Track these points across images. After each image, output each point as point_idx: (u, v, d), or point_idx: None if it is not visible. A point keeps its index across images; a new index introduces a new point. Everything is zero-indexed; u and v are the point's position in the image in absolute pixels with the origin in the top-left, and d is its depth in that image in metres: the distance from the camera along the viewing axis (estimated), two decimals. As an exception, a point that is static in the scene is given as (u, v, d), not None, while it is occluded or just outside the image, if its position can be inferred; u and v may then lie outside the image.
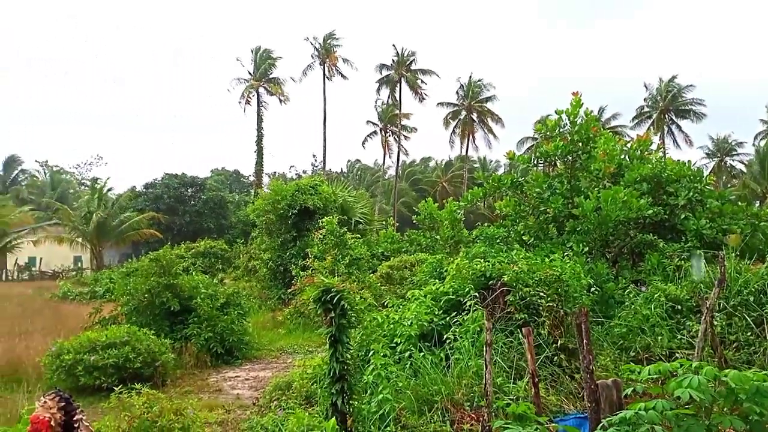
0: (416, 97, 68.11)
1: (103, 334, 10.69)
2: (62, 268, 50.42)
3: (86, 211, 46.98)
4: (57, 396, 2.97)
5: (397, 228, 27.41)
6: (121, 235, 47.94)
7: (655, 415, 3.89)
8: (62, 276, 45.05)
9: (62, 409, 2.95)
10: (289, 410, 7.38)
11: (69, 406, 2.98)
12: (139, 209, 52.16)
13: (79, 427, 2.97)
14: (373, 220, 29.23)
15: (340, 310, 5.38)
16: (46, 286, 34.00)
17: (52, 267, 52.11)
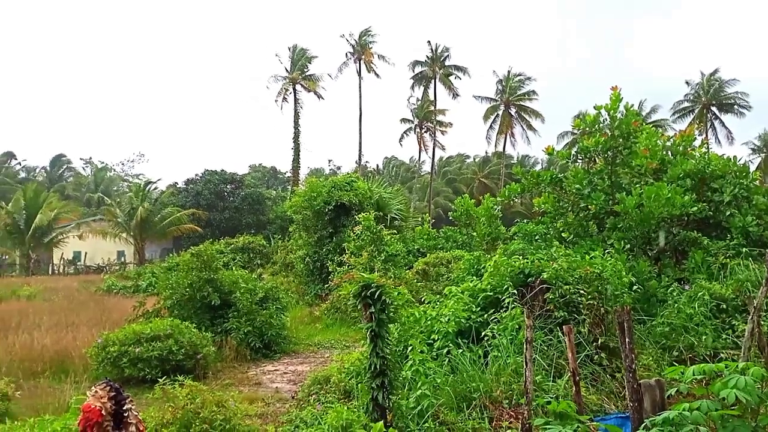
0: (450, 93, 67.77)
1: (148, 326, 10.93)
2: (106, 263, 51.83)
3: (130, 207, 48.18)
4: (108, 386, 3.06)
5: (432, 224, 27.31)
6: (162, 230, 49.03)
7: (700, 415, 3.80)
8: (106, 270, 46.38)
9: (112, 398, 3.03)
10: (328, 404, 7.45)
11: (119, 396, 3.07)
12: (180, 205, 53.19)
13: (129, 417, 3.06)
14: (409, 217, 29.22)
15: (380, 306, 5.40)
16: (91, 280, 34.99)
17: (97, 261, 53.58)
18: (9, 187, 74.45)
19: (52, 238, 49.89)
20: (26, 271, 47.21)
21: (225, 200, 57.58)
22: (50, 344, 12.01)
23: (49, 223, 48.91)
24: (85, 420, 2.96)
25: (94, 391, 3.01)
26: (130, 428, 3.03)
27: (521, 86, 68.47)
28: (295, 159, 62.93)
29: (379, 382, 5.40)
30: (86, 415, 2.96)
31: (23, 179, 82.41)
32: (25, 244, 48.07)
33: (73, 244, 52.87)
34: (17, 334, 12.97)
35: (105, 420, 2.98)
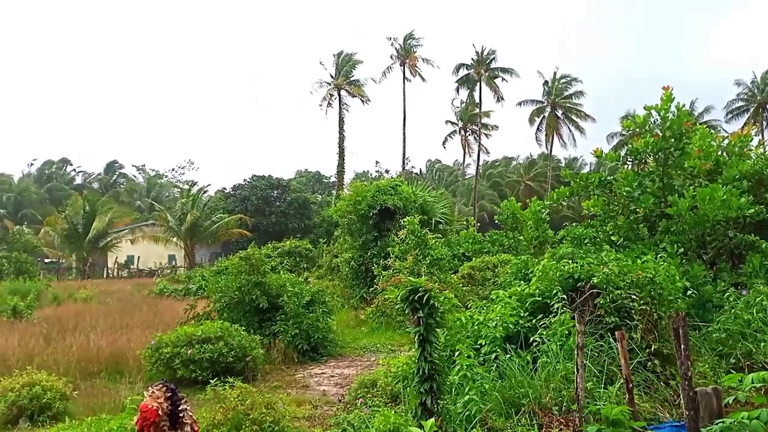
0: (495, 95, 67.20)
1: (199, 329, 11.17)
2: (158, 266, 53.29)
3: (180, 213, 49.45)
4: (164, 387, 3.14)
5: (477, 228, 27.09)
6: (212, 235, 50.15)
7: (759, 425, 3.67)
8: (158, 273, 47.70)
9: (168, 399, 3.11)
10: (375, 408, 7.47)
11: (174, 397, 3.14)
12: (229, 210, 54.28)
13: (184, 417, 3.13)
14: (454, 220, 29.07)
15: (427, 310, 5.39)
16: (143, 283, 36.01)
17: (149, 265, 55.18)
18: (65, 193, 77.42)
19: (107, 243, 51.63)
20: (82, 274, 48.95)
21: (271, 205, 58.46)
22: (106, 346, 12.38)
23: (104, 228, 50.63)
24: (143, 419, 3.05)
25: (151, 391, 3.10)
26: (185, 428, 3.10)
27: (567, 87, 67.36)
28: (340, 163, 63.45)
29: (427, 386, 5.39)
30: (143, 415, 3.04)
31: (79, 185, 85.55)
32: (82, 248, 49.85)
33: (127, 249, 54.59)
34: (74, 335, 13.44)
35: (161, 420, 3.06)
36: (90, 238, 49.24)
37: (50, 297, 24.76)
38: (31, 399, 8.53)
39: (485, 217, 63.87)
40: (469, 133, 69.18)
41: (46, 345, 12.58)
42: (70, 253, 52.82)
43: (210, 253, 57.20)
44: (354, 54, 64.71)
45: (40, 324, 15.52)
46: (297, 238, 40.95)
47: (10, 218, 68.47)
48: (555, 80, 67.06)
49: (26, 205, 75.85)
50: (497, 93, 66.52)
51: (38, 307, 20.45)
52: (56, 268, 54.38)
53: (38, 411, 8.55)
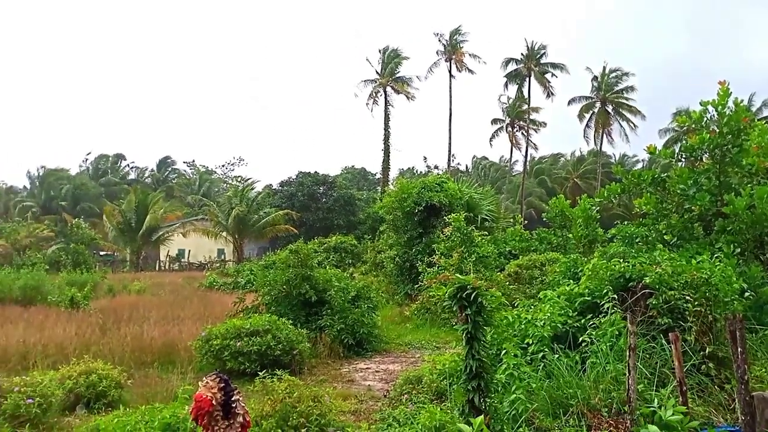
0: (545, 91, 66.11)
1: (248, 322, 11.37)
2: (208, 260, 54.56)
3: (229, 208, 50.49)
4: (217, 378, 3.20)
5: (525, 226, 26.71)
6: (259, 230, 51.03)
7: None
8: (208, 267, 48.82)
9: (222, 390, 3.17)
10: (420, 404, 7.48)
11: (228, 388, 3.20)
12: (276, 206, 55.09)
13: (236, 408, 3.19)
14: (500, 218, 28.76)
15: (475, 308, 5.36)
16: (193, 276, 36.93)
17: (199, 258, 56.53)
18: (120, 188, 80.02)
19: (159, 237, 53.19)
20: (136, 267, 50.54)
21: (318, 201, 59.03)
22: (158, 336, 12.71)
23: (157, 222, 52.15)
24: (197, 409, 3.12)
25: (205, 381, 3.17)
26: (237, 418, 3.16)
27: (618, 82, 65.69)
28: (385, 160, 63.54)
29: (475, 384, 5.36)
30: (198, 405, 3.12)
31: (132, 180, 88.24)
32: (136, 241, 51.47)
33: (178, 242, 56.13)
34: (129, 326, 13.86)
35: (215, 410, 3.12)
36: (143, 231, 50.82)
37: (106, 288, 25.64)
38: (87, 387, 8.83)
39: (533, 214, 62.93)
40: (517, 129, 68.30)
41: (101, 335, 12.99)
42: (125, 246, 54.59)
43: (258, 248, 58.19)
44: (400, 51, 64.69)
45: (97, 314, 16.06)
46: (342, 234, 41.28)
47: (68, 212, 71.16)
48: (605, 75, 65.51)
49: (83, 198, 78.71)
50: (547, 88, 65.45)
51: (94, 298, 21.18)
52: (111, 261, 56.29)
53: (94, 398, 8.82)
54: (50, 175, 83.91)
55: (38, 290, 21.29)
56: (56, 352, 11.41)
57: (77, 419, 8.28)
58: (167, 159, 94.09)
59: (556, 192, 55.79)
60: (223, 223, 50.25)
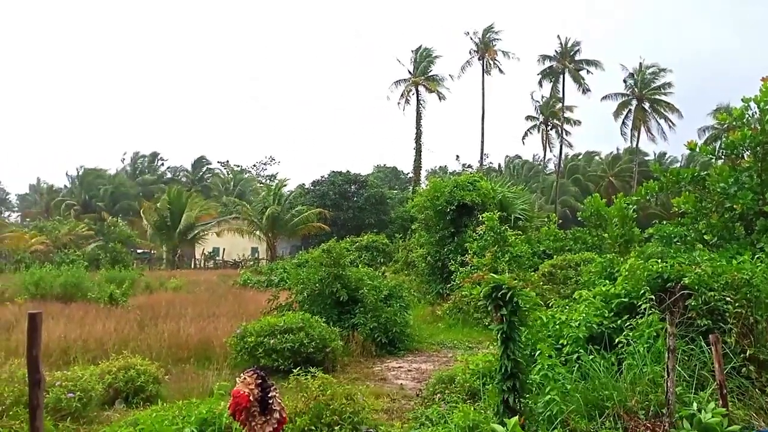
0: (580, 88, 65.20)
1: (281, 319, 11.48)
2: (241, 258, 55.24)
3: (263, 207, 51.07)
4: (255, 374, 3.24)
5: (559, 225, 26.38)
6: (292, 228, 51.49)
7: None
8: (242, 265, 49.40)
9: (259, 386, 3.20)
10: (453, 404, 7.45)
11: (265, 384, 3.23)
12: (308, 205, 55.48)
13: (273, 404, 3.22)
14: (534, 217, 28.47)
15: (511, 307, 5.32)
16: (228, 274, 37.41)
17: (233, 256, 57.27)
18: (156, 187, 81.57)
19: (195, 235, 54.10)
20: (172, 264, 51.48)
21: (349, 200, 59.22)
22: (194, 333, 12.91)
23: (193, 221, 53.05)
24: (235, 404, 3.16)
25: (242, 378, 3.22)
26: (274, 414, 3.19)
27: (655, 79, 64.32)
28: (417, 159, 63.43)
29: (510, 384, 5.33)
30: (236, 400, 3.16)
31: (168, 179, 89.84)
32: (172, 239, 52.43)
33: (213, 241, 57.01)
34: (166, 322, 14.11)
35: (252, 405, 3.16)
36: (180, 230, 51.74)
37: (143, 285, 26.16)
38: (126, 382, 9.02)
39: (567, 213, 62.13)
40: (551, 127, 67.49)
41: (139, 331, 13.26)
42: (161, 244, 55.65)
43: (291, 246, 58.67)
44: (432, 50, 64.52)
45: (135, 311, 16.42)
46: (373, 232, 41.34)
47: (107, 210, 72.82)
48: (641, 71, 64.24)
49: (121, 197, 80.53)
50: (582, 85, 64.53)
51: (132, 295, 21.62)
52: (148, 258, 57.42)
53: (133, 393, 9.01)
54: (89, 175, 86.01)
55: (78, 287, 21.83)
56: (96, 348, 11.68)
57: (116, 413, 8.47)
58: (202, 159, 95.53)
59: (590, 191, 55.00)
60: (256, 222, 50.83)
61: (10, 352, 10.70)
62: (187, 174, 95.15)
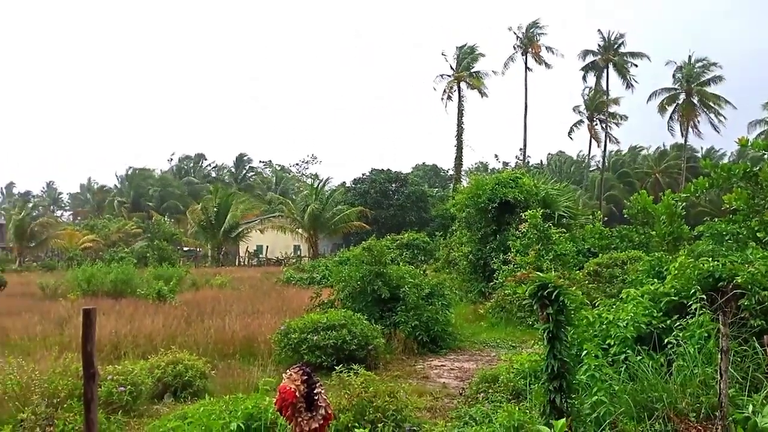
0: (624, 82, 63.76)
1: (324, 316, 11.57)
2: (284, 256, 55.97)
3: (304, 205, 51.62)
4: (301, 370, 3.26)
5: (604, 223, 25.83)
6: (333, 226, 51.90)
7: None
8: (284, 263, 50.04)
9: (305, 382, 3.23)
10: (497, 404, 7.38)
11: (310, 380, 3.26)
12: (349, 203, 55.82)
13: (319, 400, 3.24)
14: (578, 214, 27.93)
15: (557, 306, 5.24)
16: (271, 271, 37.93)
17: (276, 254, 58.08)
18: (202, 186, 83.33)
19: (239, 233, 55.05)
20: (217, 262, 52.48)
21: (390, 198, 59.33)
22: (239, 329, 13.10)
23: (236, 219, 54.01)
24: (281, 400, 3.19)
25: (289, 374, 3.25)
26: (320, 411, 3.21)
27: (704, 72, 62.36)
28: (458, 157, 63.08)
29: (556, 384, 5.24)
30: (282, 396, 3.18)
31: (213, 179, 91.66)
32: (217, 238, 53.47)
33: (256, 238, 57.92)
34: (212, 319, 14.38)
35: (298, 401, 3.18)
36: (224, 228, 52.73)
37: (189, 282, 26.74)
38: (174, 376, 9.22)
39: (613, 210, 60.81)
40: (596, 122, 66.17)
41: (186, 327, 13.54)
42: (206, 242, 56.80)
43: (332, 244, 59.15)
44: (476, 47, 64.05)
45: (182, 307, 16.77)
46: (414, 230, 41.30)
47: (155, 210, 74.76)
48: (689, 65, 62.36)
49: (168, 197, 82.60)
50: (627, 80, 63.07)
51: (179, 292, 22.10)
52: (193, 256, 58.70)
53: (181, 387, 9.20)
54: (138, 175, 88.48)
55: (128, 284, 22.48)
56: (145, 343, 11.98)
57: (165, 407, 8.68)
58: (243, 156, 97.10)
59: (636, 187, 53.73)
60: (299, 220, 51.39)
61: (64, 347, 11.05)
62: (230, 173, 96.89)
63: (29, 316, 15.66)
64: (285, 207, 54.30)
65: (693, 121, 62.48)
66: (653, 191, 44.29)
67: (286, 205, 54.65)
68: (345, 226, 52.22)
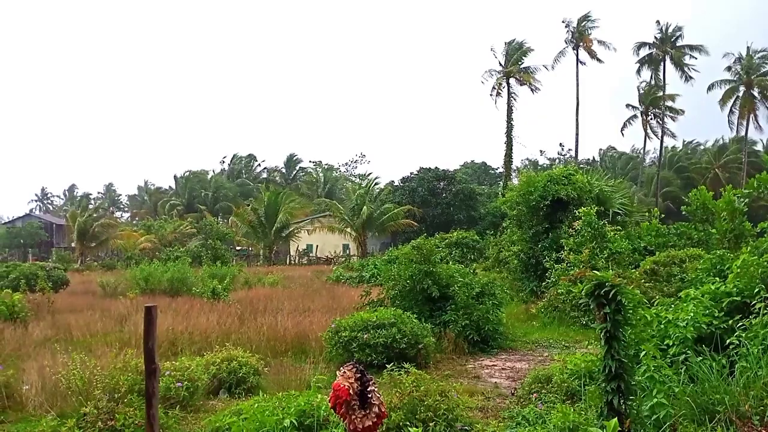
0: (682, 76, 61.69)
1: (374, 315, 11.59)
2: (333, 255, 56.51)
3: (354, 204, 52.01)
4: (354, 368, 3.26)
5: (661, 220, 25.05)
6: (382, 225, 52.11)
7: None
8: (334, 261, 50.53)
9: (358, 380, 3.23)
10: (550, 404, 7.25)
11: (364, 378, 3.25)
12: (397, 202, 55.89)
13: (372, 398, 3.23)
14: (634, 211, 27.18)
15: (615, 306, 5.10)
16: (321, 270, 38.36)
17: (325, 253, 58.69)
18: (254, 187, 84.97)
19: (289, 233, 55.90)
20: (268, 261, 53.41)
21: (438, 197, 59.11)
22: (291, 327, 13.31)
23: (287, 219, 54.88)
24: (335, 397, 3.20)
25: (342, 371, 3.25)
26: (373, 409, 3.21)
27: (765, 63, 59.76)
28: (508, 154, 62.31)
29: (614, 385, 5.11)
30: (336, 393, 3.19)
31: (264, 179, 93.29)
32: (268, 237, 54.44)
33: (306, 238, 58.68)
34: (264, 316, 14.64)
35: (352, 399, 3.18)
36: (275, 228, 53.66)
37: (242, 281, 27.31)
38: (229, 373, 9.43)
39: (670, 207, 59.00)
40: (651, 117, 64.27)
41: (240, 324, 13.82)
42: (257, 241, 57.89)
43: (380, 243, 59.39)
44: (525, 42, 63.19)
45: (235, 305, 17.13)
46: (463, 229, 41.01)
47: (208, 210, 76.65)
48: (750, 56, 59.87)
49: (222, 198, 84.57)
50: (685, 73, 61.03)
51: (232, 290, 22.60)
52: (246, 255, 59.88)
53: (235, 384, 9.40)
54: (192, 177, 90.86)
55: (183, 282, 23.11)
56: (200, 340, 12.29)
57: (220, 402, 8.88)
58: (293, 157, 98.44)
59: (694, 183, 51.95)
60: (347, 220, 51.78)
61: (124, 343, 11.45)
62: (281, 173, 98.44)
63: (91, 313, 16.32)
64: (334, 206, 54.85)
65: (753, 114, 60.00)
66: (712, 187, 42.72)
67: (335, 205, 55.16)
68: (393, 225, 52.32)
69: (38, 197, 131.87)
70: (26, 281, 21.77)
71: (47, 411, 7.94)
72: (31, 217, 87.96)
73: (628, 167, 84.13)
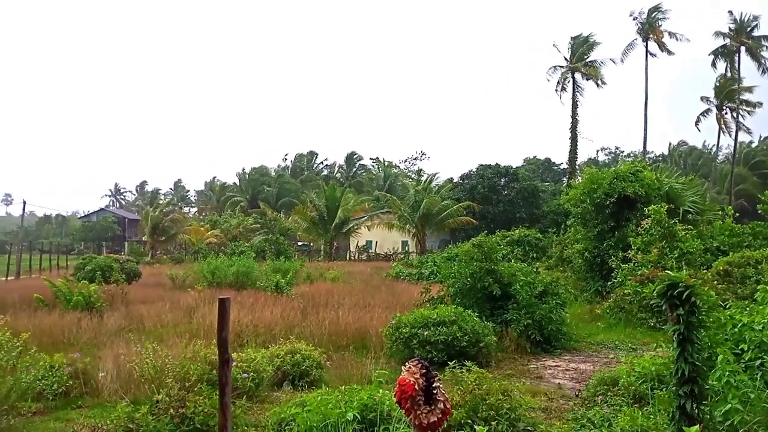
0: (759, 67, 58.70)
1: (434, 312, 11.57)
2: (392, 251, 56.74)
3: (413, 201, 52.08)
4: (419, 364, 3.28)
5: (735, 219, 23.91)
6: (441, 222, 51.94)
7: None
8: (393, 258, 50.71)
9: (423, 375, 3.24)
10: (616, 407, 7.07)
11: (429, 374, 3.27)
12: (456, 199, 55.54)
13: (437, 394, 3.24)
14: (706, 210, 26.06)
15: (689, 307, 4.92)
16: (380, 266, 38.56)
17: (384, 250, 59.03)
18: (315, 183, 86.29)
19: (349, 229, 56.52)
20: (328, 256, 54.13)
21: (499, 194, 58.39)
22: (352, 322, 13.40)
23: (347, 215, 55.52)
24: (401, 392, 3.22)
25: (408, 367, 3.27)
26: (438, 405, 3.21)
27: None
28: (572, 149, 60.95)
29: (687, 389, 4.93)
30: (402, 388, 3.21)
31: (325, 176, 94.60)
32: (329, 233, 55.20)
33: (365, 234, 59.19)
34: (326, 311, 14.82)
35: (417, 394, 3.20)
36: (335, 224, 54.37)
37: (304, 276, 27.74)
38: (293, 365, 9.61)
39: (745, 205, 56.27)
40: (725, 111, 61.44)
41: (302, 318, 14.06)
42: (318, 237, 58.78)
43: (439, 240, 59.19)
44: (591, 37, 61.60)
45: (297, 299, 17.44)
46: (525, 227, 40.36)
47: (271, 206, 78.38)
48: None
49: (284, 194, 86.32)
50: (762, 64, 58.06)
51: (295, 284, 23.00)
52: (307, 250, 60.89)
53: (298, 376, 9.58)
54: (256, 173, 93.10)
55: (248, 276, 23.70)
56: (265, 332, 12.57)
57: (284, 394, 9.07)
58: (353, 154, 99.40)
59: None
60: (406, 216, 51.87)
61: (193, 334, 11.85)
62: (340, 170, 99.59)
63: (161, 304, 16.96)
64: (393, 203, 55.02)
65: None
66: (792, 185, 40.45)
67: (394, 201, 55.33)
68: (452, 222, 52.05)
69: (112, 192, 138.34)
70: (102, 273, 22.83)
71: (121, 397, 8.31)
72: (105, 211, 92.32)
73: (699, 163, 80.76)
